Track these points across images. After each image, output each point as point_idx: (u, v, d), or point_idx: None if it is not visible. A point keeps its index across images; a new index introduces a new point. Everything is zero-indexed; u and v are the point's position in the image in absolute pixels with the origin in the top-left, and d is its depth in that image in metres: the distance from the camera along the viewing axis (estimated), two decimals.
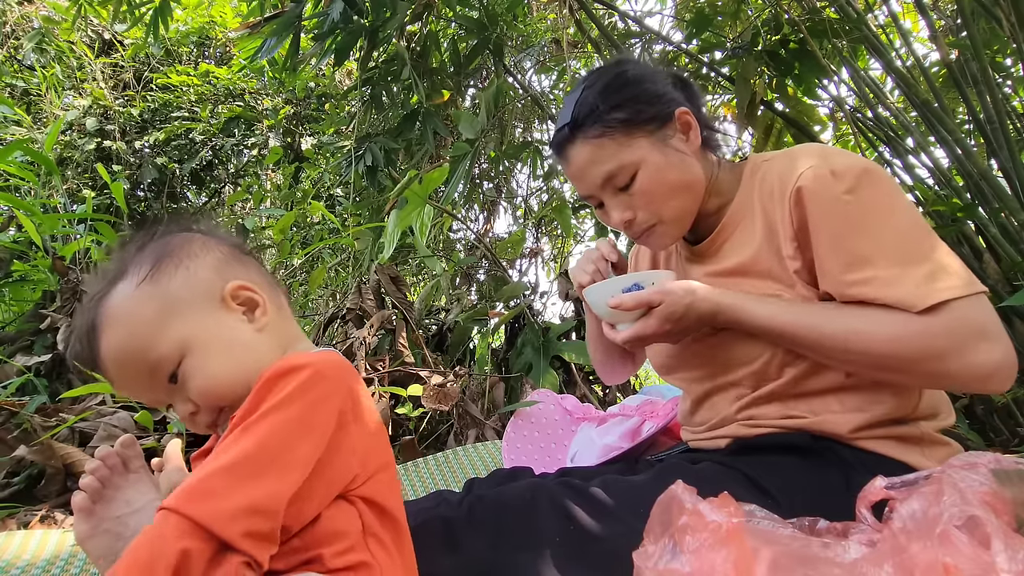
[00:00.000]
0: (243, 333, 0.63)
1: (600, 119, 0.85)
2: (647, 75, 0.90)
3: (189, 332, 0.60)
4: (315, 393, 0.55)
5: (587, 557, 0.69)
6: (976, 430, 1.64)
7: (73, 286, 1.90)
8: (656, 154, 0.85)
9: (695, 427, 0.96)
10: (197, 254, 0.64)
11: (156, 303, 0.60)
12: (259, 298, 0.65)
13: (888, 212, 0.75)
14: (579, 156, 0.87)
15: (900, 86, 1.91)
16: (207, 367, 0.60)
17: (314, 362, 0.56)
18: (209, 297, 0.62)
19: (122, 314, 0.60)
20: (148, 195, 3.93)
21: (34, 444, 1.33)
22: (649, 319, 0.81)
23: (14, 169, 2.17)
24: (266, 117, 3.82)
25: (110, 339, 0.59)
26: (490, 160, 3.10)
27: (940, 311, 0.70)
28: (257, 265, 0.70)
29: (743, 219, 0.88)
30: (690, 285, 0.82)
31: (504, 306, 2.59)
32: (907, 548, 0.47)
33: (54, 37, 3.72)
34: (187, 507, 0.46)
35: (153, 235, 0.66)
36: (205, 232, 0.68)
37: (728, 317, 0.81)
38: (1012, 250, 1.62)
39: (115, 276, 0.62)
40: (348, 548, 0.55)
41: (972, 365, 0.69)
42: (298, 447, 0.52)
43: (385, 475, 0.61)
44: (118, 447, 0.71)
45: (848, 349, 0.74)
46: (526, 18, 3.19)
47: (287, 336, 0.67)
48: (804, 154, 0.81)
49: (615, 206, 0.88)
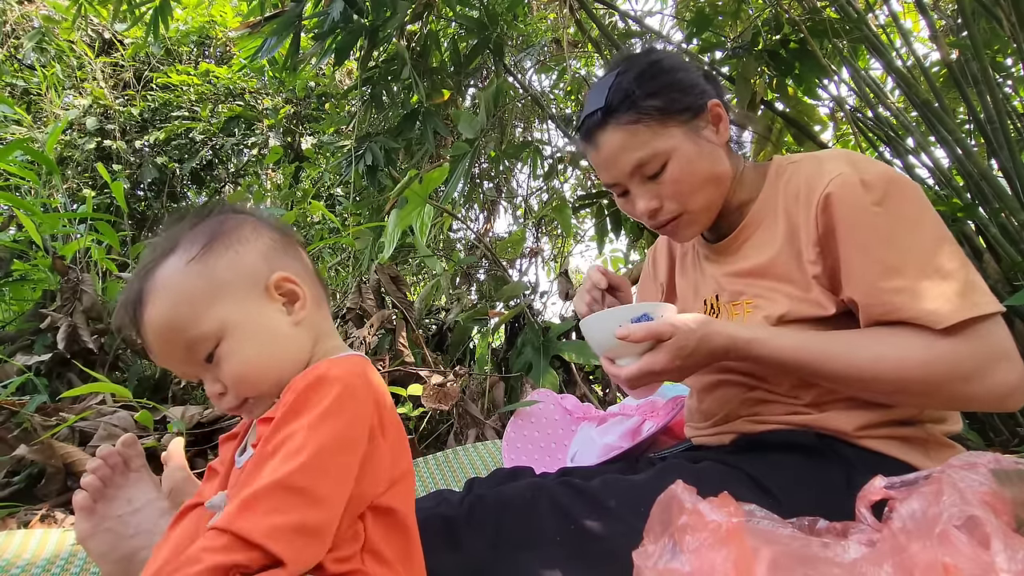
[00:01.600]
0: (281, 324, 0.63)
1: (635, 105, 0.83)
2: (680, 65, 0.89)
3: (229, 316, 0.61)
4: (350, 412, 0.55)
5: (587, 556, 0.69)
6: (976, 430, 1.64)
7: (73, 285, 1.90)
8: (688, 144, 0.84)
9: (700, 422, 0.96)
10: (248, 239, 0.65)
11: (203, 282, 0.61)
12: (300, 291, 0.65)
13: (916, 225, 0.75)
14: (610, 142, 0.85)
15: (900, 86, 1.91)
16: (241, 353, 0.61)
17: (344, 375, 0.57)
18: (254, 284, 0.63)
19: (168, 288, 0.60)
20: (148, 194, 3.93)
21: (34, 443, 1.33)
22: (657, 353, 0.75)
23: (15, 168, 2.16)
24: (266, 116, 3.81)
25: (154, 311, 0.60)
26: (490, 160, 3.10)
27: (966, 331, 0.69)
28: (303, 256, 0.70)
29: (765, 220, 0.87)
30: (702, 318, 0.77)
31: (504, 306, 2.59)
32: (907, 548, 0.47)
33: (54, 36, 3.72)
34: (237, 524, 0.47)
35: (209, 213, 0.67)
36: (258, 217, 0.69)
37: (745, 352, 0.77)
38: (1012, 250, 1.62)
39: (167, 250, 0.63)
40: (347, 556, 0.55)
41: (993, 386, 0.69)
42: (340, 468, 0.53)
43: (404, 483, 0.61)
44: (119, 446, 0.71)
45: (878, 377, 0.72)
46: (526, 18, 3.19)
47: (320, 331, 0.67)
48: (833, 159, 0.80)
49: (642, 195, 0.87)
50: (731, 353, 0.77)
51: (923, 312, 0.71)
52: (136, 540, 0.69)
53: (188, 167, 3.84)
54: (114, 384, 1.45)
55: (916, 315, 0.71)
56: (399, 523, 0.60)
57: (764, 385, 0.85)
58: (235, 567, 0.46)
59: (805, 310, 0.80)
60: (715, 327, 0.77)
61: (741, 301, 0.88)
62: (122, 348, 1.93)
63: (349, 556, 0.55)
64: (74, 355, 1.76)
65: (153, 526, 0.70)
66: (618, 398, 2.17)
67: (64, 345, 1.74)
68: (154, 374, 1.94)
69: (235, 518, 0.47)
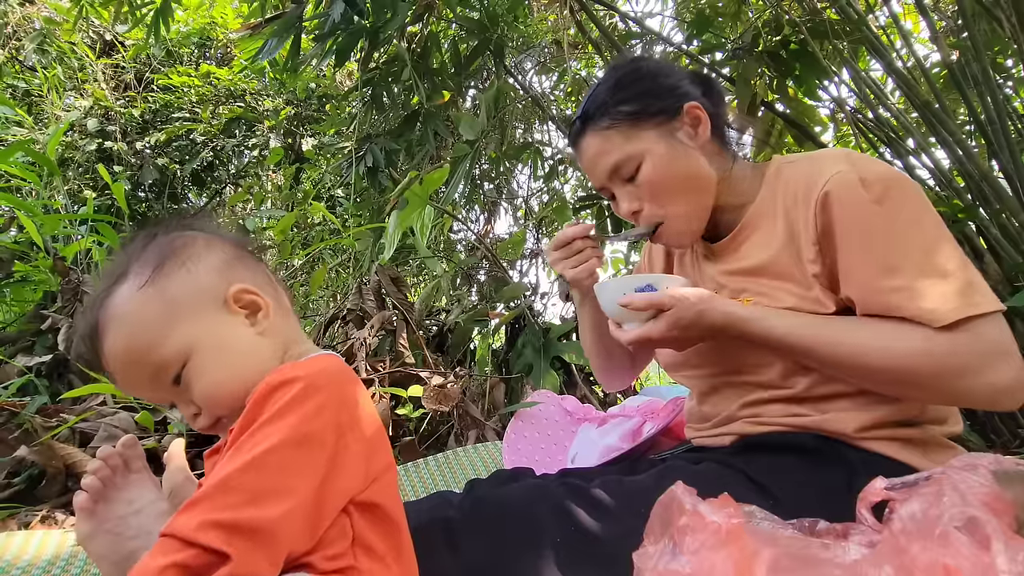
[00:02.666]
0: (245, 336, 0.63)
1: (608, 112, 0.87)
2: (661, 70, 0.91)
3: (191, 335, 0.60)
4: (308, 407, 0.54)
5: (588, 558, 0.69)
6: (977, 431, 1.64)
7: (74, 287, 1.90)
8: (661, 146, 0.86)
9: (701, 423, 0.96)
10: (200, 256, 0.64)
11: (159, 305, 0.60)
12: (261, 301, 0.64)
13: (916, 224, 0.75)
14: (589, 148, 0.90)
15: (901, 87, 1.90)
16: (209, 370, 0.60)
17: (306, 374, 0.56)
18: (212, 300, 0.62)
19: (125, 316, 0.60)
20: (149, 196, 3.93)
21: (35, 444, 1.33)
22: (658, 322, 0.80)
23: (16, 170, 2.17)
24: (267, 118, 3.82)
25: (113, 341, 0.60)
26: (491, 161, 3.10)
27: (964, 327, 0.69)
28: (261, 265, 0.69)
29: (764, 220, 0.87)
30: (703, 293, 0.81)
31: (504, 307, 2.59)
32: (907, 549, 0.47)
33: (55, 38, 3.72)
34: (174, 525, 0.47)
35: (156, 234, 0.66)
36: (209, 231, 0.68)
37: (740, 329, 0.80)
38: (1013, 251, 1.62)
39: (118, 277, 0.62)
40: (338, 554, 0.54)
41: (989, 383, 0.69)
42: (297, 465, 0.52)
43: (385, 478, 0.61)
44: (120, 447, 0.71)
45: (868, 364, 0.73)
46: (527, 19, 3.19)
47: (288, 338, 0.67)
48: (832, 158, 0.81)
49: (623, 196, 0.90)
50: (728, 329, 0.80)
51: (921, 311, 0.71)
52: (136, 541, 0.69)
53: (189, 168, 3.85)
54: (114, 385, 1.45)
55: (914, 314, 0.71)
56: (386, 517, 0.59)
57: (760, 381, 0.85)
58: (176, 566, 0.45)
59: (806, 308, 0.81)
60: (714, 303, 0.80)
61: (742, 298, 0.88)
62: None
63: (340, 553, 0.55)
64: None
65: (153, 527, 0.70)
66: (619, 399, 2.17)
67: (65, 346, 1.75)
68: None
69: (174, 520, 0.48)
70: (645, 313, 0.82)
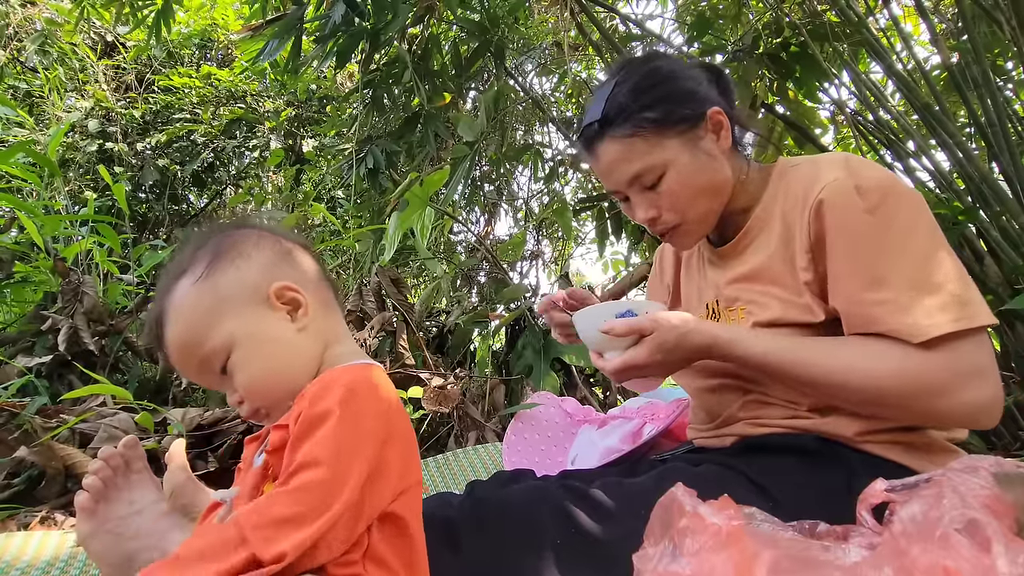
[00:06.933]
0: (285, 333, 0.65)
1: (631, 118, 0.83)
2: (679, 72, 0.88)
3: (235, 329, 0.63)
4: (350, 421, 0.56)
5: (588, 559, 0.69)
6: (977, 433, 1.64)
7: (74, 287, 1.90)
8: (686, 155, 0.84)
9: (701, 423, 0.96)
10: (249, 253, 0.67)
11: (209, 299, 0.64)
12: (302, 298, 0.66)
13: (908, 235, 0.74)
14: (608, 154, 0.86)
15: (901, 89, 1.90)
16: (250, 363, 0.63)
17: (348, 384, 0.58)
18: (255, 296, 0.65)
19: (180, 308, 0.64)
20: (150, 197, 3.93)
21: (35, 445, 1.33)
22: (640, 348, 0.79)
23: (17, 171, 2.17)
24: (268, 119, 3.82)
25: (171, 331, 0.64)
26: (491, 162, 3.10)
27: (943, 346, 0.69)
28: (309, 262, 0.71)
29: (766, 223, 0.87)
30: (685, 316, 0.80)
31: (505, 308, 2.59)
32: (907, 551, 0.47)
33: (57, 39, 3.73)
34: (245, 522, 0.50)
35: (214, 231, 0.69)
36: (262, 228, 0.71)
37: (723, 351, 0.78)
38: (1013, 253, 1.62)
39: (179, 271, 0.66)
40: (351, 561, 0.55)
41: (964, 403, 0.69)
42: (350, 476, 0.54)
43: (412, 493, 0.62)
44: (121, 448, 0.71)
45: (846, 385, 0.73)
46: (527, 21, 3.19)
47: (329, 337, 0.68)
48: (830, 164, 0.80)
49: (640, 204, 0.88)
50: (713, 351, 0.79)
51: (901, 325, 0.70)
52: (137, 542, 0.69)
53: (189, 169, 3.85)
54: (115, 386, 1.45)
55: (894, 328, 0.71)
56: (405, 530, 0.59)
57: (761, 388, 0.85)
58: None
59: (796, 315, 0.80)
60: (697, 326, 0.78)
61: (736, 307, 0.88)
62: (123, 350, 1.93)
63: (352, 561, 0.55)
64: (75, 357, 1.76)
65: (154, 528, 0.70)
66: (619, 401, 2.17)
67: (65, 347, 1.75)
68: (155, 376, 1.94)
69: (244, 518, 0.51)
70: (626, 341, 0.79)
